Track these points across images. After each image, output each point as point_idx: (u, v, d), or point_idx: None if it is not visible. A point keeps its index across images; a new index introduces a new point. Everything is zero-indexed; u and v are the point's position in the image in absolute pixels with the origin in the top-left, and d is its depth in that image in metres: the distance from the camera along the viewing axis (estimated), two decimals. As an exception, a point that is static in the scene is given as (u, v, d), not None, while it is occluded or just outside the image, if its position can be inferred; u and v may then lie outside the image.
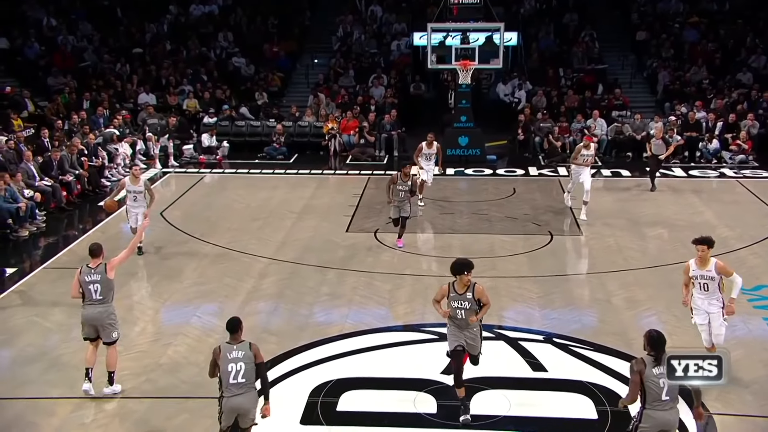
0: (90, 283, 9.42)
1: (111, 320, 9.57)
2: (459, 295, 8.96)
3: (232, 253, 15.04)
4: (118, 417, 9.28)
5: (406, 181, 14.54)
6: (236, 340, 7.85)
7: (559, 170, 22.07)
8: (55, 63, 27.12)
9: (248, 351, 7.79)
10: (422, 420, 9.23)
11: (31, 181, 17.65)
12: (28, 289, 13.37)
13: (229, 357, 7.73)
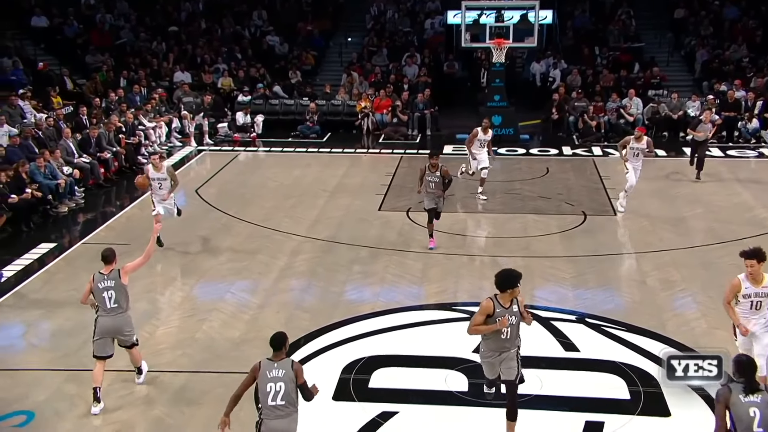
0: (104, 290, 8.89)
1: (128, 329, 9.08)
2: (505, 310, 7.92)
3: (265, 231, 15.13)
4: (156, 390, 9.42)
5: (434, 172, 13.39)
6: (278, 358, 7.12)
7: (593, 149, 21.81)
8: (93, 41, 27.34)
9: (290, 370, 7.05)
10: (454, 398, 9.24)
11: (70, 158, 17.88)
12: (68, 264, 13.58)
13: (269, 376, 7.03)
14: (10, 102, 19.89)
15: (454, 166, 17.10)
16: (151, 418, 8.86)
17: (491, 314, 7.86)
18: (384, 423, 8.72)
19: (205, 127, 22.89)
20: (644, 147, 15.87)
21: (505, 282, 7.96)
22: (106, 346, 8.90)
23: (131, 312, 9.21)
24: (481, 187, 16.85)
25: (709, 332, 10.81)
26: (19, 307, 11.80)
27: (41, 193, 15.93)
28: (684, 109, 23.44)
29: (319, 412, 8.95)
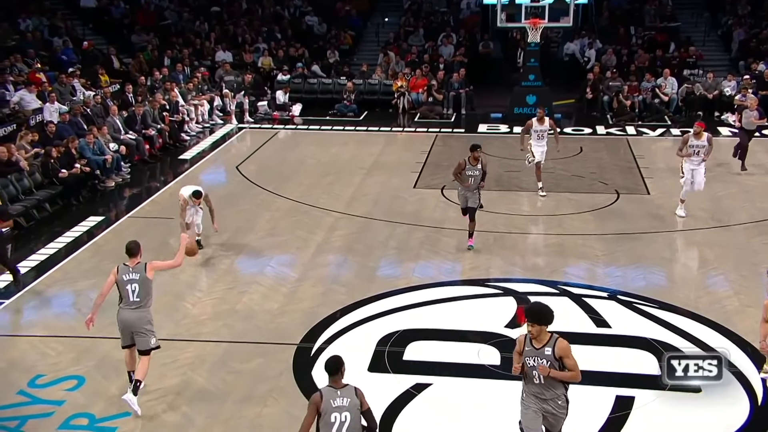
0: (128, 282, 8.35)
1: (147, 326, 8.46)
2: (536, 351, 6.78)
3: (303, 207, 15.19)
4: (198, 359, 9.56)
5: (475, 166, 12.36)
6: (338, 384, 6.48)
7: (627, 129, 21.48)
8: (139, 21, 27.53)
9: (354, 398, 6.42)
10: (486, 371, 9.24)
11: (117, 134, 18.10)
12: (115, 236, 13.78)
13: (333, 405, 6.35)
14: (61, 80, 20.16)
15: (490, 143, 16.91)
16: (195, 385, 9.00)
17: (520, 352, 6.86)
18: (418, 394, 8.76)
19: (245, 106, 22.99)
20: (704, 144, 13.78)
21: (534, 316, 6.84)
22: (124, 338, 8.52)
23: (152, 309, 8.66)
24: (540, 183, 15.60)
25: (742, 310, 10.66)
26: (70, 278, 12.03)
27: (90, 168, 16.16)
28: (720, 89, 22.94)
29: (355, 382, 8.99)
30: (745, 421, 8.25)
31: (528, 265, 12.34)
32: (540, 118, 15.52)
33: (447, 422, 8.30)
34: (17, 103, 18.41)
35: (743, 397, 8.65)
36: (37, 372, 9.16)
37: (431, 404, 8.63)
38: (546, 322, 6.79)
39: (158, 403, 8.61)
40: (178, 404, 8.63)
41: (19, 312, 11.06)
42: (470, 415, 8.46)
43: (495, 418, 8.37)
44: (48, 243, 13.51)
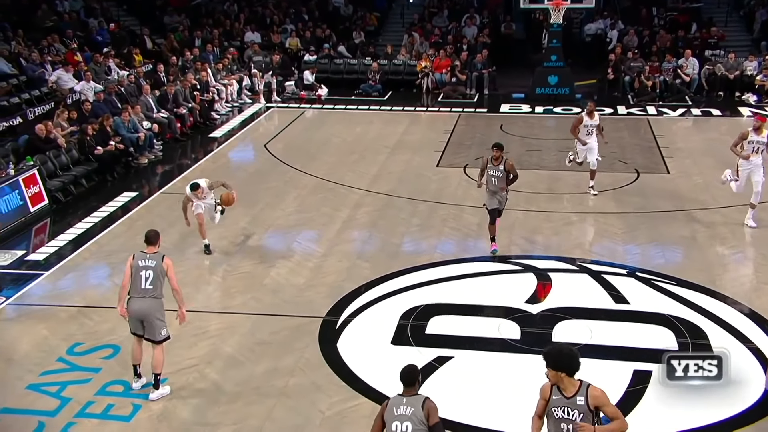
0: (143, 269, 8.03)
1: (159, 316, 8.13)
2: (567, 400, 5.73)
3: (329, 184, 15.19)
4: (228, 330, 9.65)
5: (497, 166, 11.41)
6: (409, 393, 5.93)
7: (648, 109, 21.18)
8: (171, 3, 27.52)
9: (419, 409, 5.79)
10: (506, 345, 9.23)
11: (150, 113, 18.18)
12: (148, 212, 13.91)
13: (395, 413, 5.80)
14: (96, 60, 20.26)
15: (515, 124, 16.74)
16: (224, 355, 9.10)
17: (547, 399, 5.86)
18: (440, 367, 8.78)
19: (273, 85, 22.97)
20: (765, 140, 12.33)
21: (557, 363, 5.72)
22: (135, 328, 8.17)
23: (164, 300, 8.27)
24: (592, 181, 14.27)
25: (759, 287, 10.55)
26: (106, 251, 12.17)
27: (124, 145, 16.27)
28: (741, 69, 22.51)
29: (378, 355, 9.07)
30: (761, 394, 8.18)
31: (548, 242, 12.27)
32: (590, 112, 14.12)
33: (468, 394, 8.31)
34: (55, 82, 18.56)
35: (759, 372, 8.57)
36: (75, 340, 9.31)
37: (453, 376, 8.64)
38: (564, 368, 5.68)
39: (190, 372, 8.72)
40: (208, 373, 8.73)
41: (59, 283, 11.22)
42: (490, 387, 8.47)
43: (514, 391, 8.36)
44: (84, 217, 13.66)
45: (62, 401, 8.20)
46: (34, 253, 12.24)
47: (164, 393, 8.22)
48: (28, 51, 19.67)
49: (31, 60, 19.13)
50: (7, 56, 18.77)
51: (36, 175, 13.96)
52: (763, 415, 7.89)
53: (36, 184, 13.89)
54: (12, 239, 12.79)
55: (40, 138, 14.97)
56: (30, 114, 16.61)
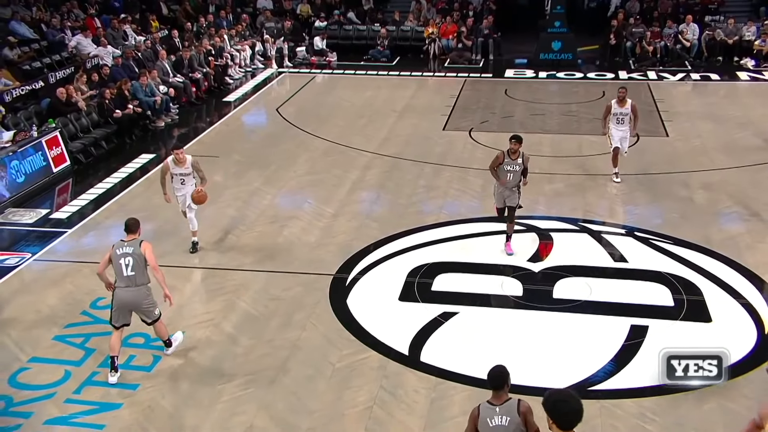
0: (121, 256, 7.67)
1: (148, 302, 7.84)
2: None
3: (339, 147, 15.12)
4: (242, 286, 9.69)
5: (515, 160, 9.94)
6: (499, 400, 5.28)
7: (649, 74, 20.90)
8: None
9: (515, 416, 5.18)
10: (509, 301, 9.25)
11: (166, 77, 18.06)
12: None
13: (491, 425, 5.20)
14: (114, 26, 20.07)
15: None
16: (238, 310, 9.15)
17: None
18: (445, 322, 8.81)
19: (285, 51, 22.73)
20: (628, 111, 12.50)
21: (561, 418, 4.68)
22: (120, 316, 7.79)
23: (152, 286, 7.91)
24: (615, 168, 12.92)
25: (752, 246, 10.51)
26: (125, 210, 12.17)
27: (141, 108, 16.20)
28: (740, 35, 22.13)
29: (386, 311, 9.11)
30: (752, 348, 8.21)
31: (550, 203, 12.21)
32: (621, 99, 12.67)
33: (471, 348, 8.36)
34: (75, 48, 18.42)
35: (751, 326, 8.59)
36: (98, 295, 9.34)
37: (457, 331, 8.68)
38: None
39: (206, 325, 8.79)
40: (224, 326, 8.80)
41: (81, 241, 11.27)
42: (493, 341, 8.51)
43: (516, 345, 8.42)
44: (105, 178, 13.68)
45: (87, 352, 8.29)
46: (58, 212, 12.30)
47: (178, 340, 8.25)
48: (48, 17, 19.50)
49: (51, 26, 18.97)
50: (29, 22, 18.62)
51: (58, 137, 13.94)
52: (754, 366, 7.92)
53: (58, 145, 13.88)
54: (36, 198, 12.84)
55: (62, 101, 14.92)
56: (51, 78, 16.53)
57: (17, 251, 10.84)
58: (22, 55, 17.19)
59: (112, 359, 7.77)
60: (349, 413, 7.29)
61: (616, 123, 12.68)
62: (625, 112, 12.59)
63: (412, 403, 7.44)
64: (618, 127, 12.69)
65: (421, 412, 7.31)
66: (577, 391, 7.43)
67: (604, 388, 7.63)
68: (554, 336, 8.55)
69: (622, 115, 12.62)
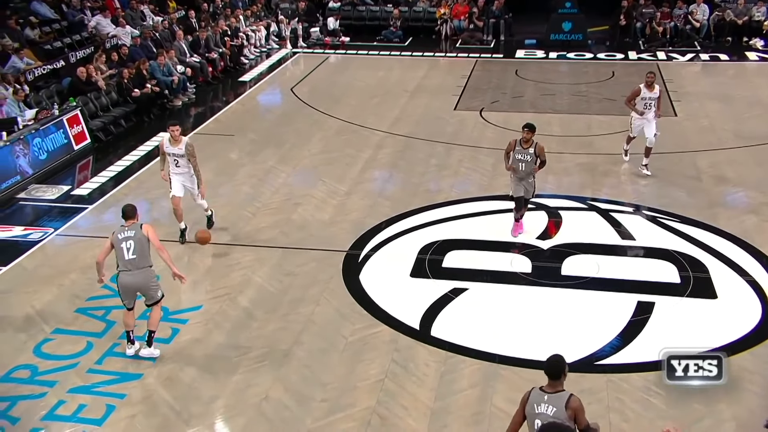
0: (122, 240, 7.50)
1: (152, 284, 7.69)
2: None
3: (352, 126, 15.06)
4: (257, 262, 9.72)
5: (526, 149, 9.67)
6: (552, 389, 5.16)
7: (658, 54, 20.63)
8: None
9: (562, 409, 5.05)
10: (518, 278, 9.23)
11: (183, 57, 18.01)
12: (182, 152, 13.88)
13: (536, 411, 5.12)
14: (132, 6, 19.99)
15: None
16: (254, 285, 9.19)
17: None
18: (455, 298, 8.81)
19: (299, 31, 22.59)
20: (657, 96, 12.05)
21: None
22: (128, 299, 7.70)
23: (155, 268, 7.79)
24: (646, 159, 12.18)
25: (759, 225, 10.42)
26: (144, 187, 12.23)
27: (159, 88, 16.18)
28: (749, 15, 21.77)
29: (398, 287, 9.12)
30: (756, 323, 8.19)
31: (559, 182, 12.13)
32: (650, 84, 12.07)
33: (481, 323, 8.36)
34: (94, 27, 18.37)
35: (756, 303, 8.54)
36: (117, 270, 9.41)
37: (467, 307, 8.68)
38: None
39: (222, 300, 8.83)
40: (240, 301, 8.84)
41: (102, 216, 11.33)
42: (502, 316, 8.51)
43: (525, 320, 8.42)
44: (124, 156, 13.71)
45: (107, 324, 8.36)
46: (79, 188, 12.36)
47: (154, 354, 7.72)
48: (69, -3, 19.43)
49: (72, 6, 18.90)
50: (49, 2, 18.56)
51: (79, 115, 13.97)
52: (758, 341, 7.90)
53: (79, 123, 13.91)
54: (58, 175, 12.90)
55: (82, 80, 14.92)
56: (72, 57, 16.52)
57: (40, 226, 10.93)
58: (43, 35, 17.18)
59: (128, 333, 7.82)
60: (361, 385, 7.33)
61: (643, 108, 12.04)
62: (654, 96, 12.03)
63: (423, 376, 7.47)
64: (646, 112, 12.06)
65: (431, 384, 7.33)
66: (585, 365, 7.53)
67: (611, 363, 7.63)
68: (562, 312, 8.54)
69: (650, 100, 12.02)
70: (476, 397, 7.17)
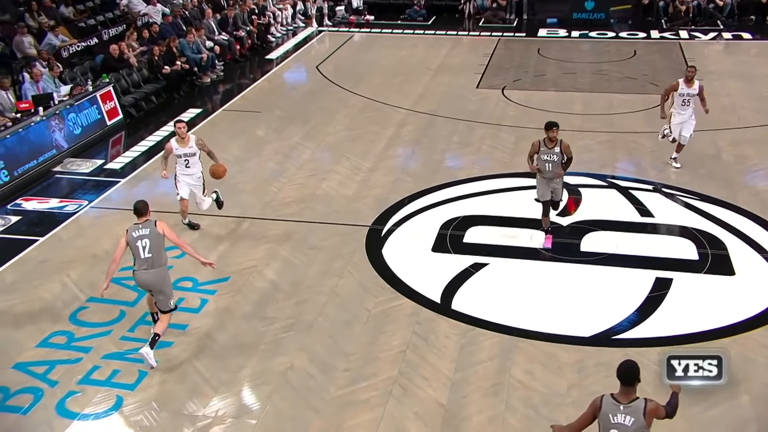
0: (138, 239, 7.20)
1: (166, 290, 7.38)
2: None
3: (376, 104, 14.98)
4: (283, 236, 9.75)
5: (552, 148, 8.89)
6: (625, 398, 4.83)
7: (680, 33, 20.20)
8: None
9: (640, 417, 4.78)
10: (537, 254, 9.17)
11: (211, 35, 17.98)
12: (212, 126, 13.94)
13: (612, 422, 4.82)
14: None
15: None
16: (280, 258, 9.23)
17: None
18: (475, 272, 8.79)
19: (324, 10, 22.44)
20: (696, 92, 11.02)
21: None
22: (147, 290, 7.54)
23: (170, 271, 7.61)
24: (676, 154, 11.39)
25: (779, 204, 10.24)
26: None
27: (189, 65, 16.19)
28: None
29: (420, 261, 9.11)
30: (774, 305, 8.07)
31: (580, 159, 11.89)
32: (689, 79, 11.01)
33: (501, 297, 8.34)
34: (126, 6, 18.38)
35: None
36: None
37: (487, 281, 8.66)
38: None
39: (249, 272, 8.89)
40: (266, 273, 8.89)
41: (134, 190, 11.42)
42: (522, 291, 8.47)
43: (544, 295, 8.37)
44: (155, 131, 13.78)
45: (140, 293, 8.42)
46: (112, 162, 12.46)
47: (149, 359, 7.19)
48: (102, -25, 19.44)
49: (104, -17, 18.93)
50: (84, -19, 18.61)
51: (111, 91, 14.05)
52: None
53: (111, 99, 13.99)
54: (92, 149, 13.01)
55: (114, 57, 14.98)
56: (105, 35, 16.55)
57: (75, 199, 11.05)
58: (78, 14, 17.24)
59: (152, 314, 7.73)
60: (383, 356, 7.36)
61: (680, 105, 10.99)
62: (693, 92, 10.94)
63: (443, 348, 7.48)
64: (682, 109, 11.01)
65: (451, 356, 7.35)
66: (602, 340, 7.49)
67: (628, 337, 7.58)
68: (581, 287, 8.48)
69: (689, 96, 10.93)
70: (495, 368, 7.17)
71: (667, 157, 11.85)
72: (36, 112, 12.30)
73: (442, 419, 6.53)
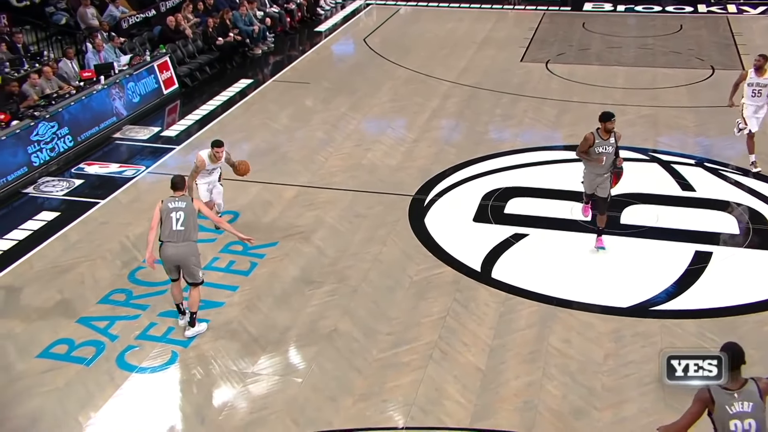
0: (173, 210, 6.96)
1: (195, 261, 7.07)
2: None
3: (421, 76, 14.80)
4: (329, 203, 9.78)
5: (607, 140, 8.05)
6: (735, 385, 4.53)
7: (728, 7, 19.39)
8: None
9: (759, 401, 4.48)
10: (576, 225, 9.02)
11: (263, 7, 17.93)
12: (262, 97, 13.99)
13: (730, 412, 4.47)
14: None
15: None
16: (326, 224, 9.26)
17: None
18: (515, 243, 8.69)
19: (372, -17, 22.18)
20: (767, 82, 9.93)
21: None
22: (172, 271, 7.16)
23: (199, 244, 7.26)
24: (754, 157, 10.23)
25: (824, 181, 9.83)
26: (227, 131, 12.35)
27: (241, 37, 16.21)
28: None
29: (461, 230, 9.05)
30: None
31: (622, 133, 11.61)
32: (759, 68, 9.97)
33: (540, 267, 8.24)
34: (181, -21, 18.43)
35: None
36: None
37: (527, 251, 8.56)
38: None
39: (297, 238, 8.95)
40: (313, 239, 8.94)
41: (188, 157, 11.53)
42: (561, 261, 8.36)
43: (582, 266, 8.25)
44: (208, 100, 13.88)
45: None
46: (167, 130, 12.62)
47: (200, 330, 7.23)
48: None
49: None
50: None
51: (168, 61, 14.16)
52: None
53: (168, 69, 14.11)
54: (149, 117, 13.19)
55: (171, 29, 15.08)
56: (162, 7, 16.63)
57: (134, 164, 11.26)
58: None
59: (177, 305, 7.33)
60: (424, 322, 7.37)
61: (751, 96, 10.01)
62: (764, 82, 9.92)
63: (483, 315, 7.44)
64: (753, 101, 10.04)
65: (490, 323, 7.31)
66: (640, 311, 7.36)
67: (666, 309, 7.43)
68: (620, 259, 8.33)
69: (759, 86, 9.96)
70: (533, 336, 7.12)
71: (709, 131, 11.47)
72: (98, 81, 12.49)
73: (480, 383, 6.53)
